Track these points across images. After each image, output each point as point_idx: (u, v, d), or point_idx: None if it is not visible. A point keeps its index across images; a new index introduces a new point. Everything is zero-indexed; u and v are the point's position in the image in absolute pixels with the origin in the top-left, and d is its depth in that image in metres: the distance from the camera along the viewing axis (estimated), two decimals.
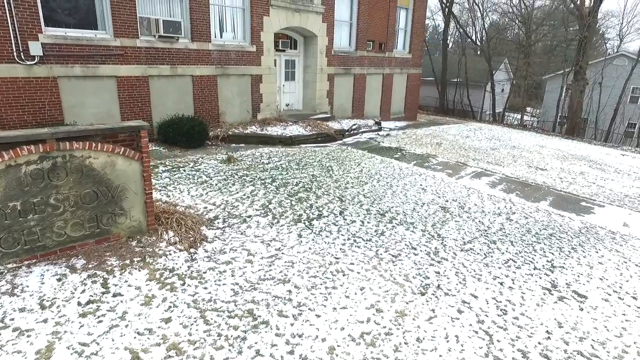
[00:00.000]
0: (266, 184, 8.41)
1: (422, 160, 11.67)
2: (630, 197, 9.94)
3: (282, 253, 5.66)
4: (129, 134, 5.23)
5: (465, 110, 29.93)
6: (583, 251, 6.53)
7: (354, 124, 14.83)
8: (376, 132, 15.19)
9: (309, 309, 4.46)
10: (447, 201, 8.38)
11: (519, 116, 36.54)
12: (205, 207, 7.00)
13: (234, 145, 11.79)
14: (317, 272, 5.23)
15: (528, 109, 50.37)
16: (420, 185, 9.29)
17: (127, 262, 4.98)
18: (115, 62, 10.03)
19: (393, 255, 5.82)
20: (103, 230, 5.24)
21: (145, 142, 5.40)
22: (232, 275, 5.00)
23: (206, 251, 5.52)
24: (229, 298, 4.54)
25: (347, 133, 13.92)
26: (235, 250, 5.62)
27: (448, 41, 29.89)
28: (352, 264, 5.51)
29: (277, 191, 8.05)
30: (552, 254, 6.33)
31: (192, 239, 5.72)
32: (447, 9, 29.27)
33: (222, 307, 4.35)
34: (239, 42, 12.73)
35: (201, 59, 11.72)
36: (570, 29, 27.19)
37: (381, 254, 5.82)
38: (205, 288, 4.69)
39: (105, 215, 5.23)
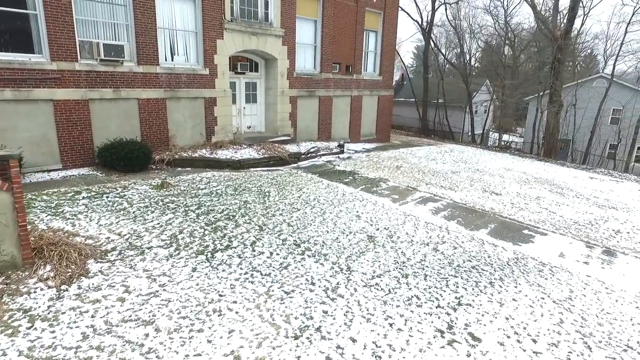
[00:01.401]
0: (189, 212, 8.09)
1: (372, 185, 11.36)
2: (580, 224, 9.57)
3: (164, 290, 5.29)
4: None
5: (447, 131, 29.82)
6: (500, 286, 6.13)
7: (313, 147, 14.61)
8: (336, 155, 14.94)
9: (157, 357, 4.07)
10: (377, 229, 8.03)
11: (504, 137, 36.48)
12: (108, 238, 6.66)
13: (179, 169, 11.53)
14: (191, 311, 4.85)
15: (519, 129, 50.47)
16: (357, 212, 8.95)
17: None
18: (52, 86, 9.88)
19: (285, 292, 5.44)
20: None
21: (15, 172, 5.12)
22: (93, 317, 4.62)
23: (79, 288, 5.16)
24: (73, 344, 4.16)
25: (303, 156, 13.67)
26: (113, 286, 5.26)
27: (429, 63, 30.01)
28: (234, 302, 5.13)
29: (197, 219, 7.72)
30: (465, 289, 5.94)
31: (69, 274, 5.37)
32: (427, 31, 29.52)
33: (58, 355, 3.97)
34: (191, 65, 12.64)
35: (148, 82, 11.59)
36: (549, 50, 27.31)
37: (273, 291, 5.44)
38: (53, 332, 4.31)
39: None
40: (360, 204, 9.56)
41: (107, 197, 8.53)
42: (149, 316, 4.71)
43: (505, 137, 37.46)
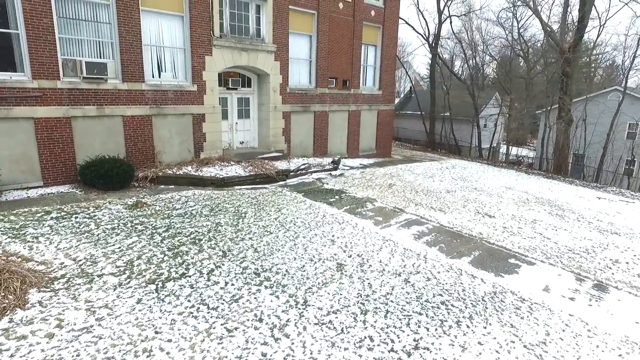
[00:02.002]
0: (155, 235, 7.85)
1: (357, 205, 10.95)
2: (574, 252, 8.93)
3: (99, 324, 5.01)
4: None
5: (455, 145, 29.14)
6: (468, 326, 5.63)
7: (304, 164, 14.30)
8: (329, 172, 14.59)
9: None
10: (349, 256, 7.61)
11: (517, 151, 35.45)
12: (62, 263, 6.46)
13: (162, 186, 11.38)
14: (120, 351, 4.55)
15: (535, 141, 49.11)
16: (333, 236, 8.56)
17: None
18: (33, 104, 9.90)
19: (228, 330, 5.09)
20: None
21: None
22: (12, 356, 4.37)
23: (10, 321, 4.92)
24: None
25: (292, 173, 13.37)
26: (47, 320, 5.01)
27: (435, 75, 29.53)
28: (169, 340, 4.81)
29: (160, 244, 7.47)
30: (427, 329, 5.46)
31: (4, 305, 5.15)
32: (433, 44, 29.10)
33: None
34: (178, 82, 12.57)
35: (133, 99, 11.55)
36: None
37: (214, 328, 5.10)
38: None
39: None
40: (339, 227, 9.16)
41: (76, 217, 8.38)
42: (72, 356, 4.43)
43: (519, 151, 36.47)
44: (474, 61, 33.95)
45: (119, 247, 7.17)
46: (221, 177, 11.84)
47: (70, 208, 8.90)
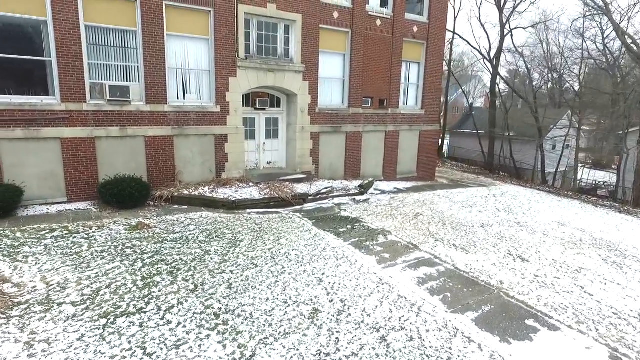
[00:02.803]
0: (137, 261, 7.76)
1: (367, 238, 10.05)
2: (621, 316, 7.19)
3: None
4: None
5: (518, 168, 26.47)
6: None
7: (326, 187, 13.68)
8: (353, 197, 13.79)
9: None
10: (331, 301, 6.83)
11: (596, 175, 31.25)
12: (34, 287, 6.55)
13: (176, 207, 11.49)
14: None
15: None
16: (323, 274, 7.82)
17: None
18: (60, 125, 10.59)
19: None
20: None
21: None
22: None
23: None
24: None
25: (310, 197, 12.81)
26: None
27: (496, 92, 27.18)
28: None
29: (137, 272, 7.33)
30: None
31: None
32: (493, 59, 26.97)
33: None
34: (202, 103, 12.77)
35: (156, 120, 11.91)
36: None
37: None
38: None
39: None
40: (335, 263, 8.38)
41: (75, 237, 8.63)
42: None
43: (596, 175, 32.12)
44: (550, 75, 30.71)
45: (96, 273, 7.16)
46: (233, 199, 11.68)
47: (75, 227, 9.24)
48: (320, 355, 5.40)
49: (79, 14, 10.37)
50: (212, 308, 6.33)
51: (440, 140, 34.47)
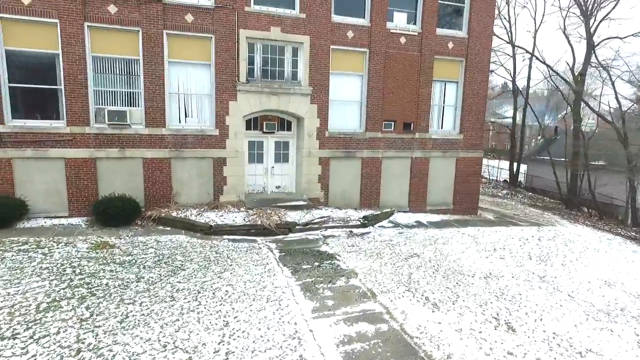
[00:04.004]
0: (66, 282, 7.85)
1: (325, 279, 8.84)
2: None
3: None
4: None
5: (605, 204, 21.77)
6: None
7: (322, 217, 12.66)
8: (350, 229, 12.50)
9: None
10: (216, 351, 5.98)
11: None
12: None
13: (160, 227, 11.68)
14: None
15: None
16: (235, 318, 6.96)
17: None
18: (65, 146, 11.64)
19: None
20: None
21: None
22: None
23: None
24: None
25: (299, 227, 11.95)
26: None
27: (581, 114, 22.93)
28: None
29: (54, 293, 7.38)
30: None
31: None
32: (578, 76, 22.97)
33: None
34: (200, 126, 12.98)
35: (154, 142, 12.42)
36: None
37: None
38: None
39: None
40: (260, 306, 7.46)
41: (36, 252, 9.18)
42: None
43: None
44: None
45: (16, 291, 7.39)
46: (212, 224, 11.45)
47: (47, 241, 9.88)
48: None
49: (85, 47, 11.42)
50: (83, 342, 5.99)
51: (515, 167, 30.39)
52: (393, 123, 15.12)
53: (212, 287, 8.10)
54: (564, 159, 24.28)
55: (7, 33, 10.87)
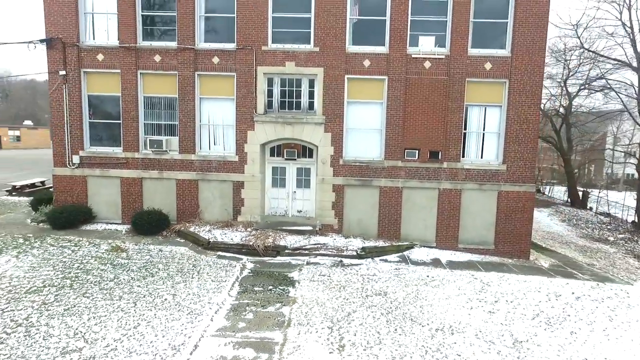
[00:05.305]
0: (64, 273, 10.08)
1: (263, 302, 9.10)
2: None
3: None
4: None
5: None
6: None
7: (317, 243, 12.73)
8: (340, 259, 12.20)
9: None
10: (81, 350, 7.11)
11: None
12: None
13: (178, 239, 13.57)
14: None
15: None
16: (136, 324, 7.98)
17: None
18: (121, 168, 14.67)
19: None
20: None
21: None
22: None
23: None
24: None
25: (287, 251, 12.33)
26: None
27: None
28: None
29: (48, 280, 9.62)
30: None
31: None
32: None
33: None
34: (224, 153, 14.64)
35: (185, 166, 14.59)
36: None
37: None
38: None
39: None
40: (177, 315, 8.30)
41: (70, 248, 11.87)
42: None
43: None
44: None
45: (30, 275, 9.87)
46: (211, 240, 12.79)
47: (85, 241, 12.62)
48: None
49: (138, 89, 14.37)
50: (28, 320, 7.81)
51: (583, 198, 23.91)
52: (417, 151, 14.26)
53: (157, 294, 9.31)
54: None
55: (88, 82, 14.53)
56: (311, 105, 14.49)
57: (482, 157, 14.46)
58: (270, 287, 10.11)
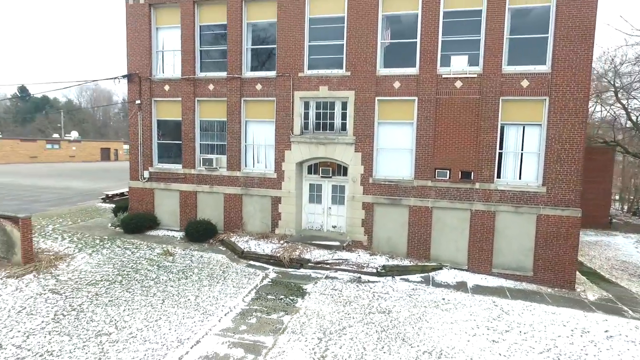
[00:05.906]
0: (120, 270, 12.16)
1: (269, 310, 10.05)
2: None
3: None
4: (14, 219, 12.00)
5: None
6: None
7: (339, 259, 13.29)
8: (359, 275, 12.58)
9: None
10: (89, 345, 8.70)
11: None
12: (59, 251, 12.26)
13: (220, 247, 15.22)
14: None
15: None
16: (158, 318, 9.44)
17: None
18: (180, 182, 16.93)
19: None
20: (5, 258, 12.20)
21: (24, 223, 11.91)
22: None
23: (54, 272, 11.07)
24: None
25: (310, 264, 13.11)
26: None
27: None
28: None
29: (107, 275, 11.73)
30: None
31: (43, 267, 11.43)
32: None
33: None
34: (264, 171, 16.05)
35: (231, 182, 16.31)
36: None
37: None
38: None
39: (10, 251, 12.16)
40: (193, 313, 9.64)
41: (131, 250, 14.12)
42: None
43: None
44: None
45: (96, 270, 12.12)
46: (245, 250, 14.14)
47: (145, 244, 14.85)
48: None
49: (195, 114, 16.56)
50: (80, 307, 9.80)
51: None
52: (448, 171, 14.10)
53: (184, 294, 10.82)
54: None
55: (157, 109, 17.14)
56: (344, 126, 15.24)
57: (520, 178, 13.76)
58: (282, 297, 11.04)
